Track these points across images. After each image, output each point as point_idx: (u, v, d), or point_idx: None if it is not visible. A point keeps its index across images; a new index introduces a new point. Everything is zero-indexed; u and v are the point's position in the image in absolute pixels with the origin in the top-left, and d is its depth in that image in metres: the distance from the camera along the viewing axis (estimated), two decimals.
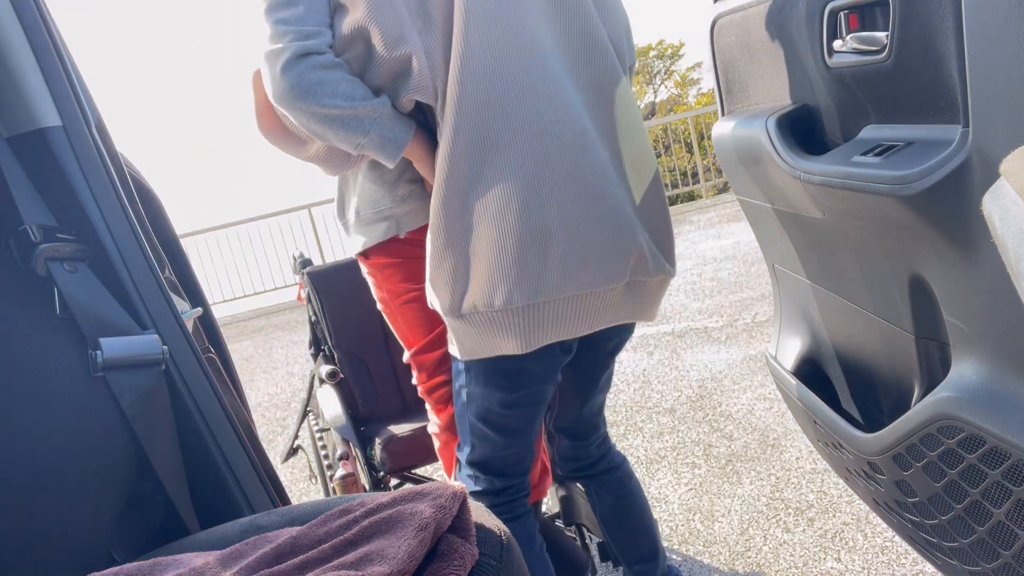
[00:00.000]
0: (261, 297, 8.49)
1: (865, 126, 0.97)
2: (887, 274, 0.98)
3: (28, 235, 0.92)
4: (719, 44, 1.31)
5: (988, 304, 0.75)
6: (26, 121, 0.96)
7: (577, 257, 1.12)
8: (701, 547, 1.94)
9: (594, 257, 1.14)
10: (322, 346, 2.13)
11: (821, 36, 0.98)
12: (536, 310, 1.12)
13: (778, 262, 1.38)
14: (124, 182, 1.05)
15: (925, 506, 0.95)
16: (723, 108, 1.36)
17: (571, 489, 1.70)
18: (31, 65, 0.96)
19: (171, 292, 1.06)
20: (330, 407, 1.93)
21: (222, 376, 1.14)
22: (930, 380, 0.98)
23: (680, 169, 9.97)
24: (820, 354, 1.34)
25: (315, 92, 1.03)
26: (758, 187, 1.24)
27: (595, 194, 1.15)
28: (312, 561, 0.69)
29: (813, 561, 1.78)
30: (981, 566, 0.88)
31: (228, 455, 1.04)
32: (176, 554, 0.79)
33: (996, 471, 0.78)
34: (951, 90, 0.76)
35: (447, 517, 0.72)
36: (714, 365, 3.20)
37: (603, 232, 1.14)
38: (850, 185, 0.90)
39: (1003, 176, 0.67)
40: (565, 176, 1.12)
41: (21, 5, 0.95)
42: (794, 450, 2.30)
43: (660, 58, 17.25)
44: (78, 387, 0.92)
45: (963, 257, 0.78)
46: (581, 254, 1.12)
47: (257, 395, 4.47)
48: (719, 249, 5.51)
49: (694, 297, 4.34)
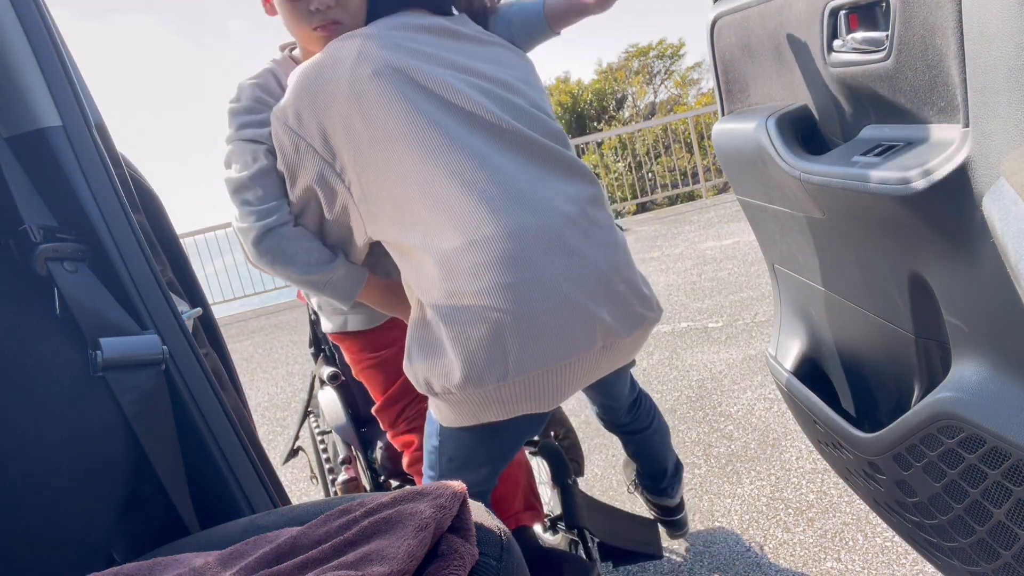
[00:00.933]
0: (261, 297, 8.49)
1: (865, 126, 0.97)
2: (887, 274, 0.98)
3: (28, 235, 0.92)
4: (719, 44, 1.31)
5: (988, 304, 0.75)
6: (26, 121, 0.96)
7: (542, 335, 1.11)
8: (701, 547, 1.94)
9: (560, 332, 1.11)
10: (322, 346, 2.13)
11: (821, 36, 0.98)
12: (509, 387, 1.12)
13: (778, 262, 1.38)
14: (124, 182, 1.05)
15: (925, 506, 0.95)
16: (723, 108, 1.36)
17: (573, 492, 1.70)
18: (31, 65, 0.96)
19: (171, 292, 1.06)
20: (331, 409, 1.92)
21: (222, 376, 1.14)
22: (930, 380, 0.98)
23: (680, 169, 9.98)
24: (820, 354, 1.34)
25: (279, 261, 1.23)
26: (758, 187, 1.24)
27: (552, 275, 1.12)
28: (312, 561, 0.69)
29: (813, 561, 1.78)
30: (981, 566, 0.88)
31: (228, 455, 1.04)
32: (176, 554, 0.79)
33: (996, 471, 0.78)
34: (951, 90, 0.76)
35: (447, 517, 0.72)
36: (714, 365, 3.20)
37: (565, 310, 1.11)
38: (850, 185, 0.90)
39: (1003, 176, 0.67)
40: (516, 265, 1.10)
41: (21, 5, 0.95)
42: (794, 450, 2.31)
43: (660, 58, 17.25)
44: (78, 387, 0.92)
45: (963, 257, 0.78)
46: (546, 332, 1.11)
47: (257, 395, 4.47)
48: (719, 249, 5.51)
49: (694, 297, 4.34)
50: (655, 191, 9.97)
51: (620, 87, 16.68)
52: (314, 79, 1.17)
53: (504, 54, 1.29)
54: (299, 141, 1.18)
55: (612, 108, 16.32)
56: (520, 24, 1.39)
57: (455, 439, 1.27)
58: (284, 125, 1.18)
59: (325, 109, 1.16)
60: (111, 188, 1.01)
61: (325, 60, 1.18)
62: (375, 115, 1.14)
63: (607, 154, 11.63)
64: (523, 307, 1.08)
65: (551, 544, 1.77)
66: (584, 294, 1.12)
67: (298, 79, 1.19)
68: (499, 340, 1.09)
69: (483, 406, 1.15)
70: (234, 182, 1.23)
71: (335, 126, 1.16)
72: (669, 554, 1.94)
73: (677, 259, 5.50)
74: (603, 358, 1.19)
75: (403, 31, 1.22)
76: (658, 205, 10.52)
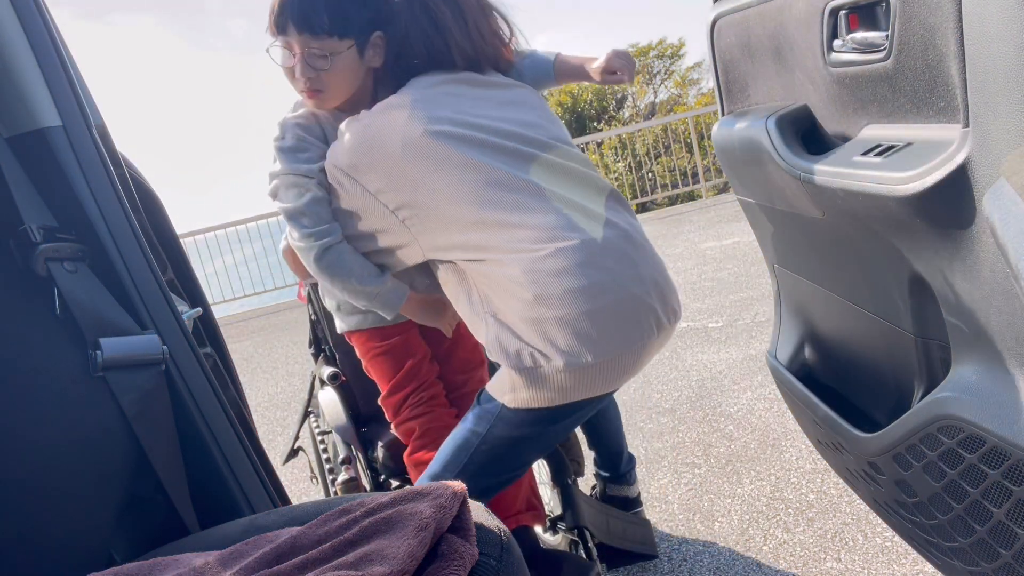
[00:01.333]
0: (261, 297, 8.49)
1: (865, 126, 0.97)
2: (887, 274, 0.98)
3: (28, 235, 0.92)
4: (719, 44, 1.31)
5: (988, 304, 0.75)
6: (26, 121, 0.96)
7: (620, 324, 1.28)
8: (701, 547, 1.94)
9: (632, 321, 1.29)
10: (323, 346, 2.13)
11: (821, 36, 0.98)
12: (596, 367, 1.28)
13: (778, 262, 1.39)
14: (124, 182, 1.05)
15: (925, 506, 0.95)
16: (723, 108, 1.36)
17: (573, 492, 1.70)
18: (31, 65, 0.96)
19: (171, 292, 1.06)
20: (331, 409, 1.92)
21: (222, 376, 1.14)
22: (930, 380, 0.98)
23: (680, 169, 9.97)
24: (820, 354, 1.34)
25: (340, 274, 1.38)
26: (758, 187, 1.24)
27: (624, 259, 1.30)
28: (312, 561, 0.69)
29: (813, 561, 1.78)
30: (981, 566, 0.88)
31: (228, 455, 1.04)
32: (176, 554, 0.79)
33: (996, 471, 0.78)
34: (951, 90, 0.76)
35: (447, 517, 0.72)
36: (714, 365, 3.20)
37: (635, 305, 1.30)
38: (850, 185, 0.90)
39: (1003, 176, 0.67)
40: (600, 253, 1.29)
41: (21, 5, 0.95)
42: (794, 450, 2.30)
43: (660, 58, 17.23)
44: (78, 387, 0.92)
45: (963, 257, 0.78)
46: (623, 321, 1.28)
47: (257, 395, 4.47)
48: (719, 249, 5.51)
49: (694, 297, 4.34)
50: (655, 191, 9.96)
51: (620, 87, 16.67)
52: (370, 141, 1.33)
53: (526, 95, 1.48)
54: (356, 186, 1.34)
55: (612, 108, 16.32)
56: (531, 77, 1.58)
57: (510, 425, 1.35)
58: (343, 173, 1.34)
59: (383, 164, 1.31)
60: (111, 188, 1.01)
61: (380, 123, 1.34)
62: (431, 169, 1.30)
63: (607, 154, 11.63)
64: (602, 302, 1.26)
65: (551, 544, 1.77)
66: (645, 293, 1.31)
67: (353, 138, 1.34)
68: (585, 327, 1.25)
69: (569, 385, 1.29)
70: (290, 211, 1.37)
71: (391, 176, 1.32)
72: (670, 554, 1.94)
73: (677, 259, 5.50)
74: (655, 344, 1.36)
75: (443, 86, 1.39)
76: (658, 205, 10.52)
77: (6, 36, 0.94)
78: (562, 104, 15.60)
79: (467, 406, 1.45)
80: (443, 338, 1.64)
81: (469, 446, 1.38)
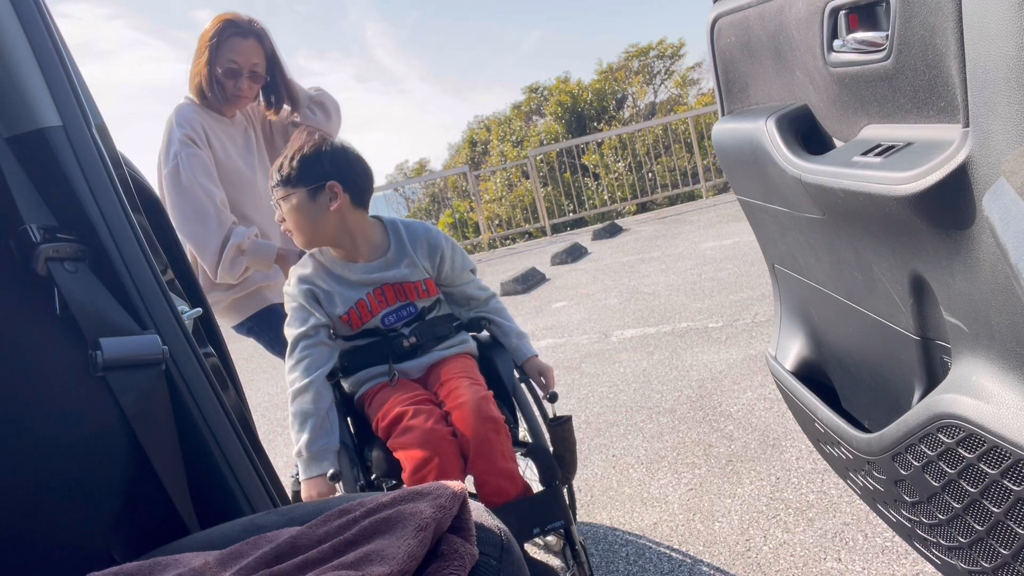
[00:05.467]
0: None
1: (865, 126, 0.97)
2: (887, 274, 0.98)
3: (28, 235, 0.92)
4: (719, 44, 1.31)
5: (988, 304, 0.75)
6: (26, 121, 0.96)
7: None
8: (701, 547, 1.94)
9: None
10: None
11: (821, 36, 0.98)
12: None
13: (778, 262, 1.38)
14: (124, 182, 1.05)
15: (925, 506, 0.95)
16: (723, 108, 1.36)
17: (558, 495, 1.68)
18: (31, 65, 0.96)
19: (171, 292, 1.06)
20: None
21: (222, 376, 1.14)
22: (930, 380, 0.98)
23: (680, 169, 9.97)
24: (820, 354, 1.34)
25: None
26: (758, 187, 1.24)
27: None
28: (312, 561, 0.69)
29: (813, 561, 1.78)
30: (981, 566, 0.88)
31: (228, 455, 1.04)
32: (176, 554, 0.79)
33: (996, 471, 0.78)
34: (951, 90, 0.76)
35: (447, 517, 0.72)
36: (714, 365, 3.20)
37: None
38: (850, 185, 0.90)
39: (1003, 176, 0.67)
40: None
41: (21, 5, 0.95)
42: (794, 450, 2.30)
43: (660, 58, 17.22)
44: (78, 387, 0.92)
45: (963, 257, 0.78)
46: None
47: (257, 395, 4.47)
48: (719, 249, 5.50)
49: (694, 297, 4.34)
50: (655, 191, 9.96)
51: (620, 87, 16.66)
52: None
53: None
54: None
55: (612, 108, 16.30)
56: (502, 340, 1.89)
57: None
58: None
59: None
60: (111, 188, 1.01)
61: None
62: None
63: (607, 154, 11.61)
64: None
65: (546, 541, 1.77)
66: None
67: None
68: None
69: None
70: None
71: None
72: (670, 554, 1.94)
73: (677, 259, 5.50)
74: None
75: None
76: (658, 205, 10.52)
77: (6, 36, 0.94)
78: (562, 104, 15.59)
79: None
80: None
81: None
